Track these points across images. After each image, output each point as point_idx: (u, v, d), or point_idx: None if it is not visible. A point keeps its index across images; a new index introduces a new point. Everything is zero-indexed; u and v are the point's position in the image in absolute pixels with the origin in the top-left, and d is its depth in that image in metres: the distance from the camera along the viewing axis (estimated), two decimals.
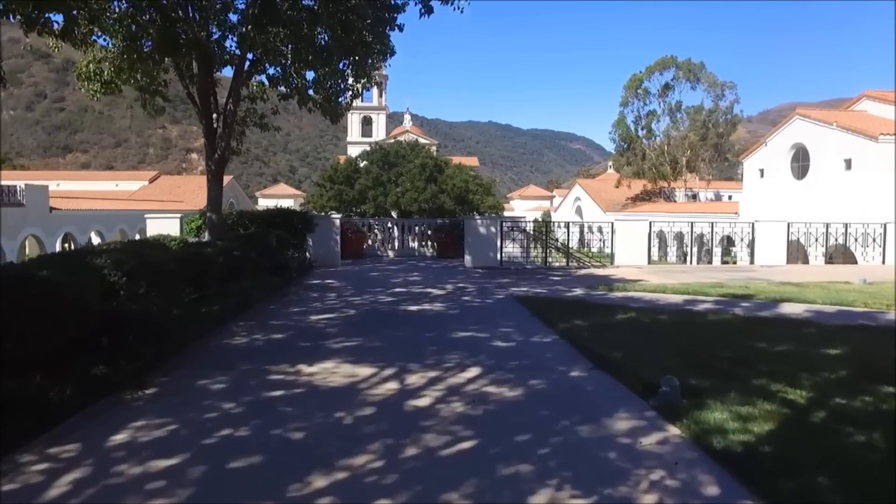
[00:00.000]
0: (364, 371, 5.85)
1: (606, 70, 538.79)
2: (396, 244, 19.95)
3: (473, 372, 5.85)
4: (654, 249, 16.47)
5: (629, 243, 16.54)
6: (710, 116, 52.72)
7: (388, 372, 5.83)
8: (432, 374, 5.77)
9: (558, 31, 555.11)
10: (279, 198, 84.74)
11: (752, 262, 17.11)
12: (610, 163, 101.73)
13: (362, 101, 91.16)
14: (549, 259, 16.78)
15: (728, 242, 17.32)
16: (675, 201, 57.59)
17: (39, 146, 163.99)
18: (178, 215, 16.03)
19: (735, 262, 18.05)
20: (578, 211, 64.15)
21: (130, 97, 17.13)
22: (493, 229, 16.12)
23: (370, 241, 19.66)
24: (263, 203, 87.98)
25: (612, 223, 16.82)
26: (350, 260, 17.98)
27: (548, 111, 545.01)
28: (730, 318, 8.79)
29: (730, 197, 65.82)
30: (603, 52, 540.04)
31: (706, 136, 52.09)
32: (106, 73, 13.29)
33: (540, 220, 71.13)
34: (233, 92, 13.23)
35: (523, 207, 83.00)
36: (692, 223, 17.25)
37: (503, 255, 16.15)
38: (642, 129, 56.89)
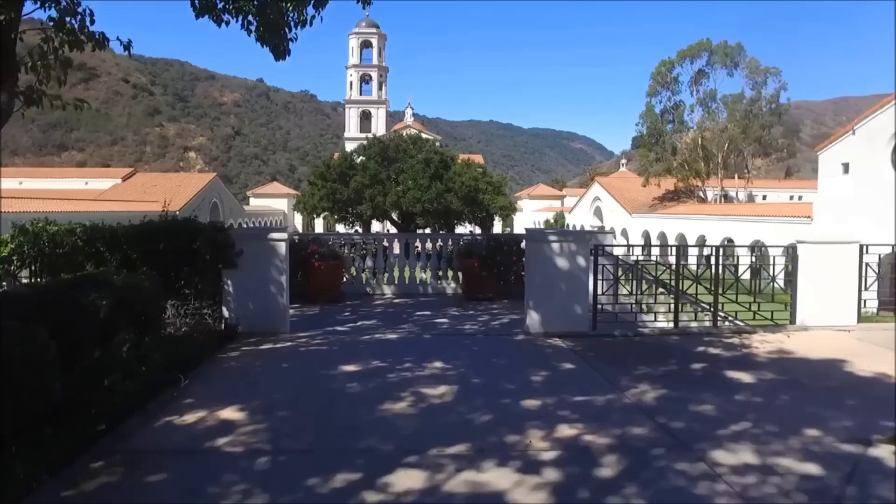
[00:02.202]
0: None
1: (609, 68, 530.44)
2: (397, 274, 11.98)
3: None
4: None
5: (829, 283, 8.64)
6: (753, 106, 44.73)
7: None
8: None
9: (560, 29, 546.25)
10: (272, 197, 76.47)
11: None
12: (623, 160, 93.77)
13: (360, 94, 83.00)
14: (675, 311, 8.83)
15: None
16: (707, 202, 49.66)
17: (35, 144, 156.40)
18: None
19: None
20: (598, 212, 56.18)
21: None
22: (580, 260, 8.15)
23: (354, 270, 11.71)
24: (255, 203, 79.77)
25: (794, 248, 8.88)
26: (317, 308, 9.99)
27: (549, 110, 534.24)
28: None
29: (764, 197, 57.69)
30: (606, 50, 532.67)
31: (748, 129, 44.08)
32: None
33: (552, 220, 63.50)
34: None
35: (532, 208, 74.89)
36: None
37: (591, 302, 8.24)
38: (672, 121, 48.97)
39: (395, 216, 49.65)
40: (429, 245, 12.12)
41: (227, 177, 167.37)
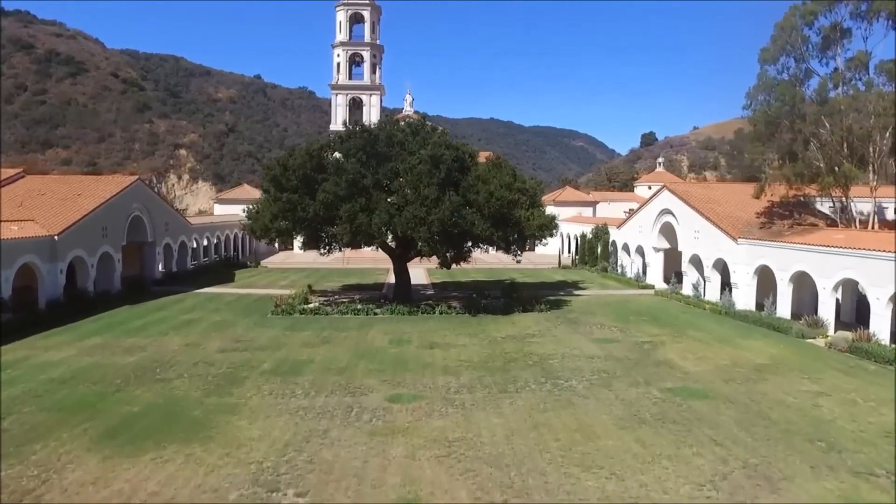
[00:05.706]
0: None
1: (608, 67, 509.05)
2: None
3: None
4: None
5: None
6: None
7: None
8: None
9: (559, 27, 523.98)
10: (240, 203, 57.59)
11: None
12: (660, 160, 74.78)
13: (350, 78, 63.82)
14: None
15: None
16: (826, 220, 31.07)
17: (17, 141, 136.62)
18: None
19: None
20: (666, 231, 37.57)
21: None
22: None
23: None
24: (220, 211, 60.65)
25: None
26: None
27: (550, 108, 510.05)
28: None
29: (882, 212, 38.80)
30: (605, 49, 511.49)
31: None
32: None
33: (589, 235, 43.44)
34: None
35: (559, 216, 56.08)
36: None
37: None
38: (804, 98, 30.24)
39: (390, 242, 31.06)
40: None
41: (220, 175, 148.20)
